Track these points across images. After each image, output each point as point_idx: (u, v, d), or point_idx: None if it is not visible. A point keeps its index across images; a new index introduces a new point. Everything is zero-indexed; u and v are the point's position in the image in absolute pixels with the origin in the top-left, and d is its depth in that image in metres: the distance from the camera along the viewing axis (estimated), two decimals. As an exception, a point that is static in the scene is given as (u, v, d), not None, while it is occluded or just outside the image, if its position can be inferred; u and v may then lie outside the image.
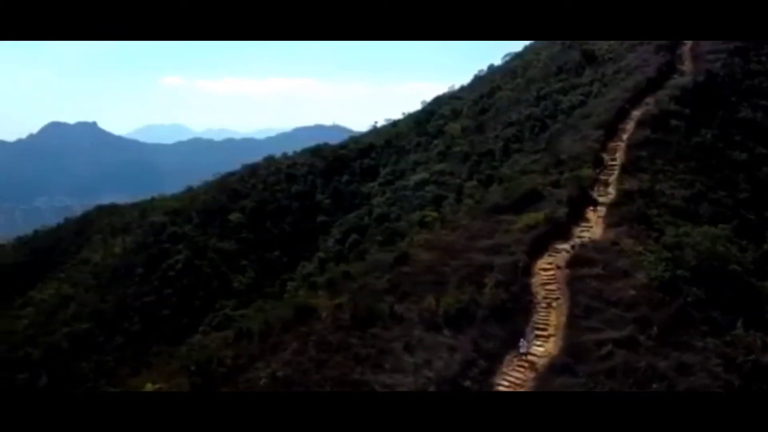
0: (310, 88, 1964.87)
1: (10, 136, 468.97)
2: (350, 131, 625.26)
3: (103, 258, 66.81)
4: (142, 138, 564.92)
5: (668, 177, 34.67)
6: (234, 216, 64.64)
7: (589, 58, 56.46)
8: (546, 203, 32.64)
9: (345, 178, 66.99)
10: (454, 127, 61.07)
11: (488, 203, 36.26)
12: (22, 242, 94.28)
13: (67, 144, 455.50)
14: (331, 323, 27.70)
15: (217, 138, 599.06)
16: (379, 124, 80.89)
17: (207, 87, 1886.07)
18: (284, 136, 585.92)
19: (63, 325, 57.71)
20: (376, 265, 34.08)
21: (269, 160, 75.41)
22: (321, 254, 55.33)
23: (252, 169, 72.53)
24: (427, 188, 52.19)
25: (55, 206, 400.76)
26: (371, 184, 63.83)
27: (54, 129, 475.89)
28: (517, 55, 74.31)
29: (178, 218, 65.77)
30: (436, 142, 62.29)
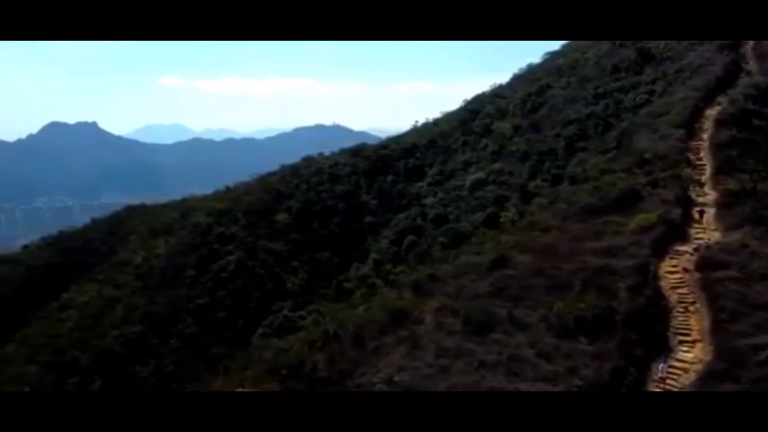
0: (309, 88, 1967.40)
1: (10, 136, 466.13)
2: (350, 131, 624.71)
3: (145, 259, 66.21)
4: (142, 138, 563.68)
5: (764, 177, 34.35)
6: (280, 217, 64.19)
7: (646, 57, 56.22)
8: (647, 204, 32.33)
9: (390, 178, 66.54)
10: (504, 126, 60.81)
11: (578, 203, 35.88)
12: (47, 243, 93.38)
13: (67, 144, 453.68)
14: (436, 327, 27.28)
15: (217, 138, 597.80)
16: (418, 124, 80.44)
17: (206, 87, 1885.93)
18: (285, 136, 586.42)
19: (112, 328, 57.23)
20: (467, 268, 33.69)
21: (308, 160, 74.88)
22: (375, 255, 54.86)
23: (294, 170, 71.99)
24: (487, 188, 51.82)
25: (55, 206, 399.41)
26: (419, 184, 63.50)
27: (54, 129, 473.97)
28: (560, 54, 73.98)
29: (224, 219, 65.09)
30: (485, 141, 61.98)
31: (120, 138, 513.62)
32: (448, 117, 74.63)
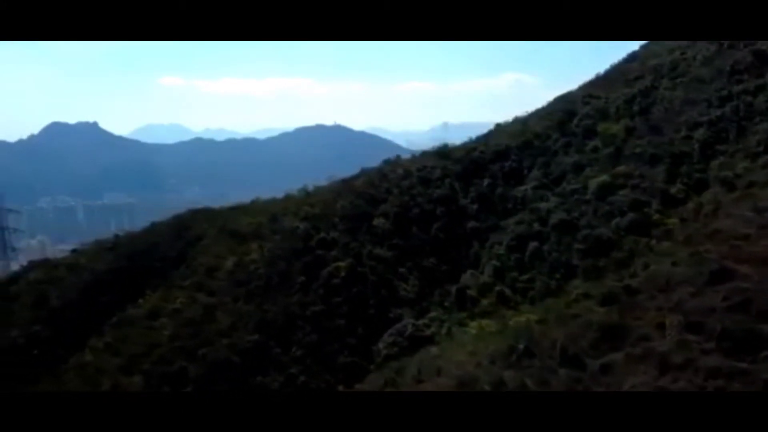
0: (309, 88, 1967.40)
1: (11, 136, 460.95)
2: (351, 131, 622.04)
3: (237, 265, 64.59)
4: (142, 138, 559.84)
5: None
6: (378, 222, 62.86)
7: (762, 59, 55.61)
8: None
9: (486, 181, 65.40)
10: (614, 128, 59.88)
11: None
12: (104, 247, 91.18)
13: (68, 144, 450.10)
14: (678, 345, 26.14)
15: (218, 138, 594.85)
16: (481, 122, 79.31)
17: (205, 87, 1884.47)
18: (286, 136, 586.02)
19: (220, 336, 55.52)
20: (669, 279, 32.59)
21: (391, 163, 73.63)
22: (495, 263, 53.76)
23: (380, 172, 70.70)
24: (620, 192, 50.86)
25: (58, 207, 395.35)
26: (521, 188, 62.39)
27: (55, 129, 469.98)
28: (647, 55, 73.21)
29: (321, 224, 63.76)
30: (593, 143, 61.01)
31: (121, 138, 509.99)
32: (536, 117, 73.57)
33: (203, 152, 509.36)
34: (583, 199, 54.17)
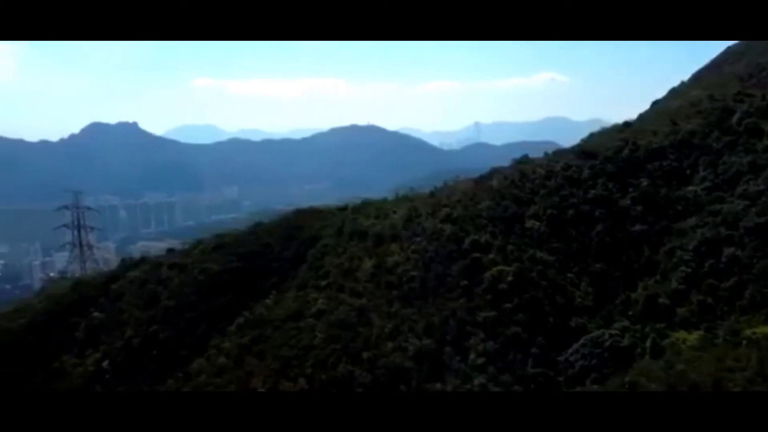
0: (339, 88, 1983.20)
1: (52, 135, 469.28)
2: (384, 131, 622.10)
3: (377, 266, 62.32)
4: (178, 138, 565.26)
5: None
6: (531, 223, 60.04)
7: None
8: None
9: (644, 182, 62.12)
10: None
11: None
12: (208, 247, 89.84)
13: (108, 144, 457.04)
14: None
15: (253, 138, 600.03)
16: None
17: (236, 88, 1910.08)
18: (321, 137, 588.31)
19: (383, 339, 53.17)
20: None
21: (526, 162, 70.82)
22: (685, 269, 50.51)
23: (519, 172, 67.92)
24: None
25: (101, 205, 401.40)
26: (689, 188, 59.05)
27: (95, 129, 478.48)
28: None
29: (467, 226, 61.15)
30: (763, 142, 57.48)
31: (160, 138, 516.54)
32: (677, 113, 70.11)
33: (240, 152, 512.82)
34: (778, 200, 50.79)
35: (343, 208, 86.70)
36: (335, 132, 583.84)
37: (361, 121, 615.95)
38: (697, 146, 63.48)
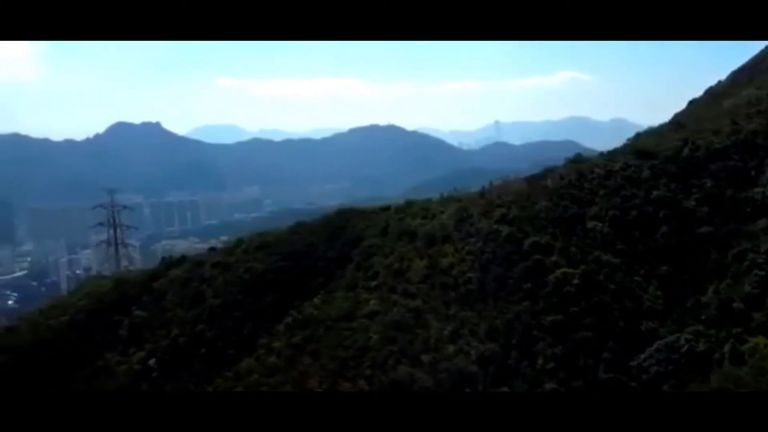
0: (359, 89, 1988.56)
1: (78, 135, 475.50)
2: (404, 130, 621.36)
3: (430, 267, 61.09)
4: (201, 138, 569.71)
5: None
6: (593, 224, 58.34)
7: None
8: None
9: (708, 182, 60.15)
10: None
11: None
12: (251, 246, 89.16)
13: (132, 143, 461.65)
14: None
15: (275, 138, 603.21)
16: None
17: (258, 88, 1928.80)
18: (341, 136, 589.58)
19: (442, 342, 51.95)
20: None
21: (582, 161, 69.17)
22: (758, 272, 48.62)
23: (575, 171, 66.26)
24: None
25: (126, 205, 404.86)
26: (757, 190, 57.13)
27: (120, 129, 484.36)
28: None
29: (524, 226, 59.63)
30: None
31: (183, 138, 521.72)
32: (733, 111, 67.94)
33: (261, 152, 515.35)
34: None
35: (386, 208, 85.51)
36: (354, 132, 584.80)
37: (381, 121, 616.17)
38: (761, 146, 61.45)
